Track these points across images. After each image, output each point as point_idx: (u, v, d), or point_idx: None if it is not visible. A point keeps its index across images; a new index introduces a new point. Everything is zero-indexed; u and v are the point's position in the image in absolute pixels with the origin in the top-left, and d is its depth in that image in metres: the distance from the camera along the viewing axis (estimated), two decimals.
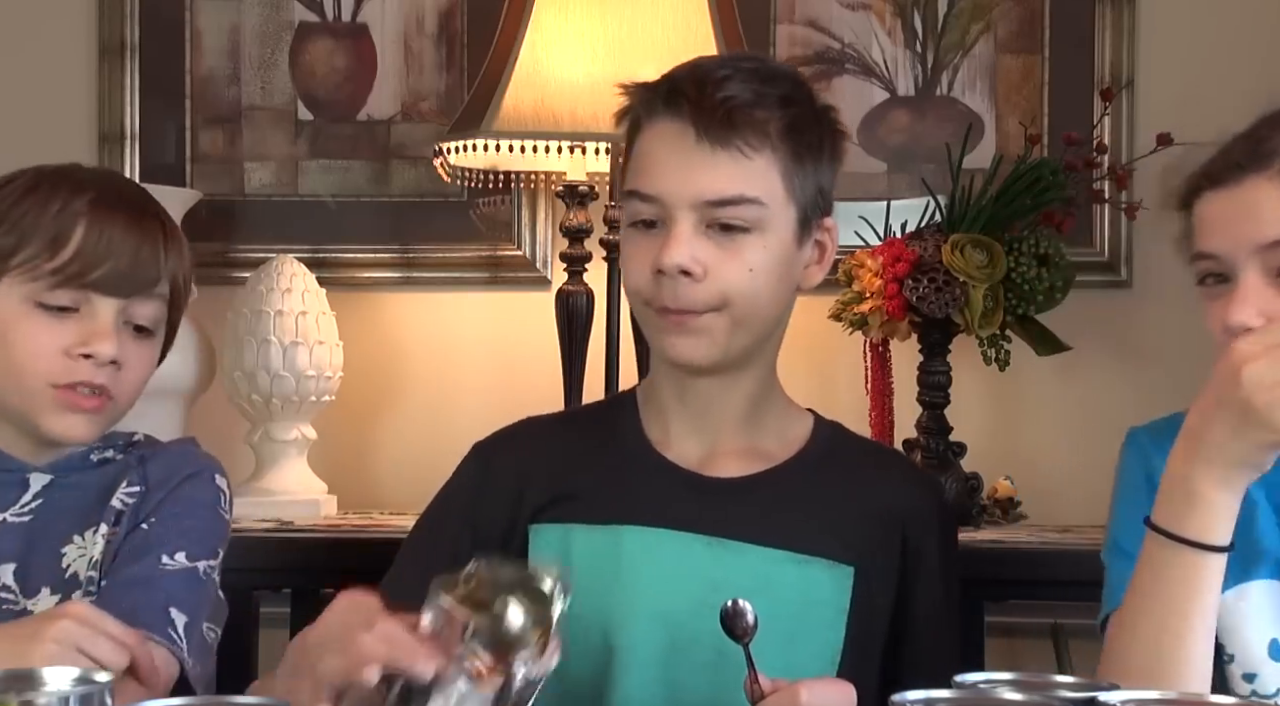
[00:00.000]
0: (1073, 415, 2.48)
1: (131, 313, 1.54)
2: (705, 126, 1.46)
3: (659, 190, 1.48)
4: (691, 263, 1.46)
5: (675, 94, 1.49)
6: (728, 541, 1.51)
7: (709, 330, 1.49)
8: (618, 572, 1.50)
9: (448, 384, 2.58)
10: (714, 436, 1.56)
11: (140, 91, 2.62)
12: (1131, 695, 0.99)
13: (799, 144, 1.50)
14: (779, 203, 1.49)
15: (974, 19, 2.52)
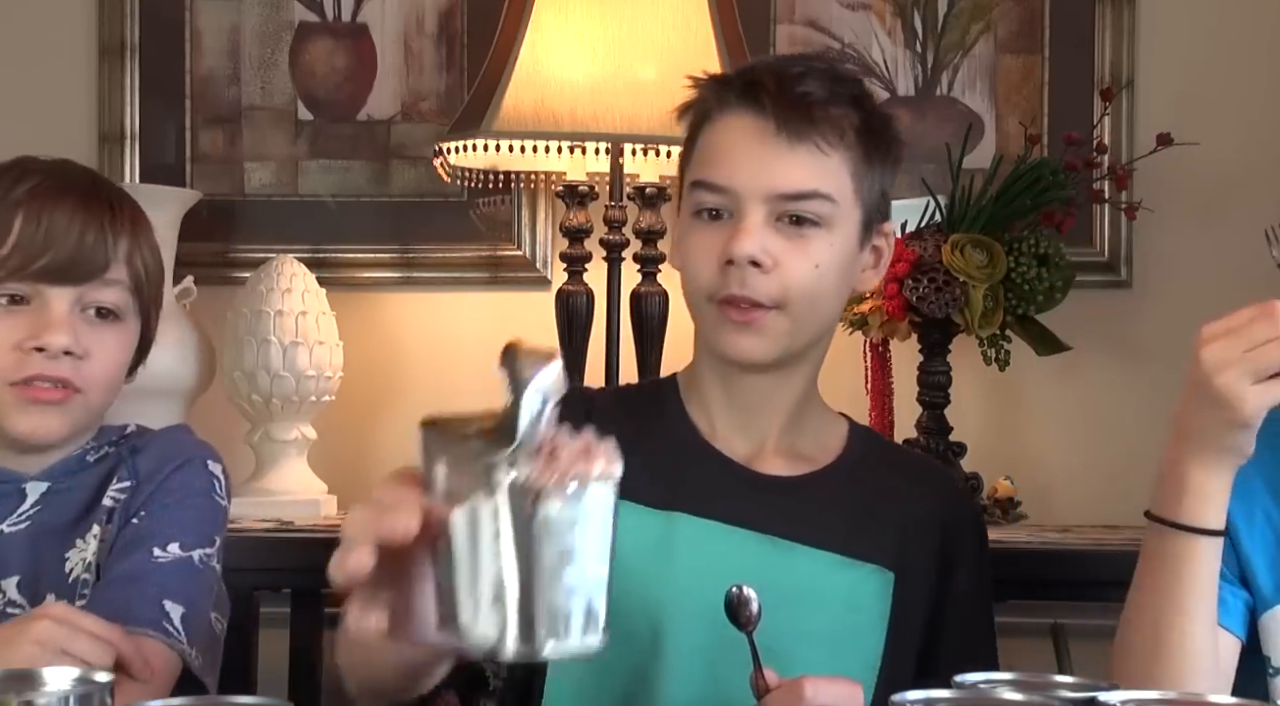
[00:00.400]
0: (1073, 415, 2.48)
1: (89, 299, 1.50)
2: (785, 120, 1.46)
3: (732, 181, 1.48)
4: (762, 253, 1.46)
5: (754, 87, 1.49)
6: (779, 540, 1.50)
7: (768, 329, 1.49)
8: (669, 562, 1.49)
9: (448, 384, 2.58)
10: (760, 435, 1.56)
11: (140, 91, 2.62)
12: (1131, 695, 0.99)
13: (870, 145, 1.51)
14: (848, 201, 1.49)
15: (974, 19, 2.52)
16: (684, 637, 1.46)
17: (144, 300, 1.56)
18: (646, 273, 2.31)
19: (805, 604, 1.48)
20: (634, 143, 2.20)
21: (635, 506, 1.50)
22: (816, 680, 1.23)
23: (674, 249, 1.59)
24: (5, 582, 1.49)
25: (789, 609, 1.44)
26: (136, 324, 1.56)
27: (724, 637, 1.43)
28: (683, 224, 1.54)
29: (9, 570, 1.49)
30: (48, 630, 1.25)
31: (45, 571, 1.49)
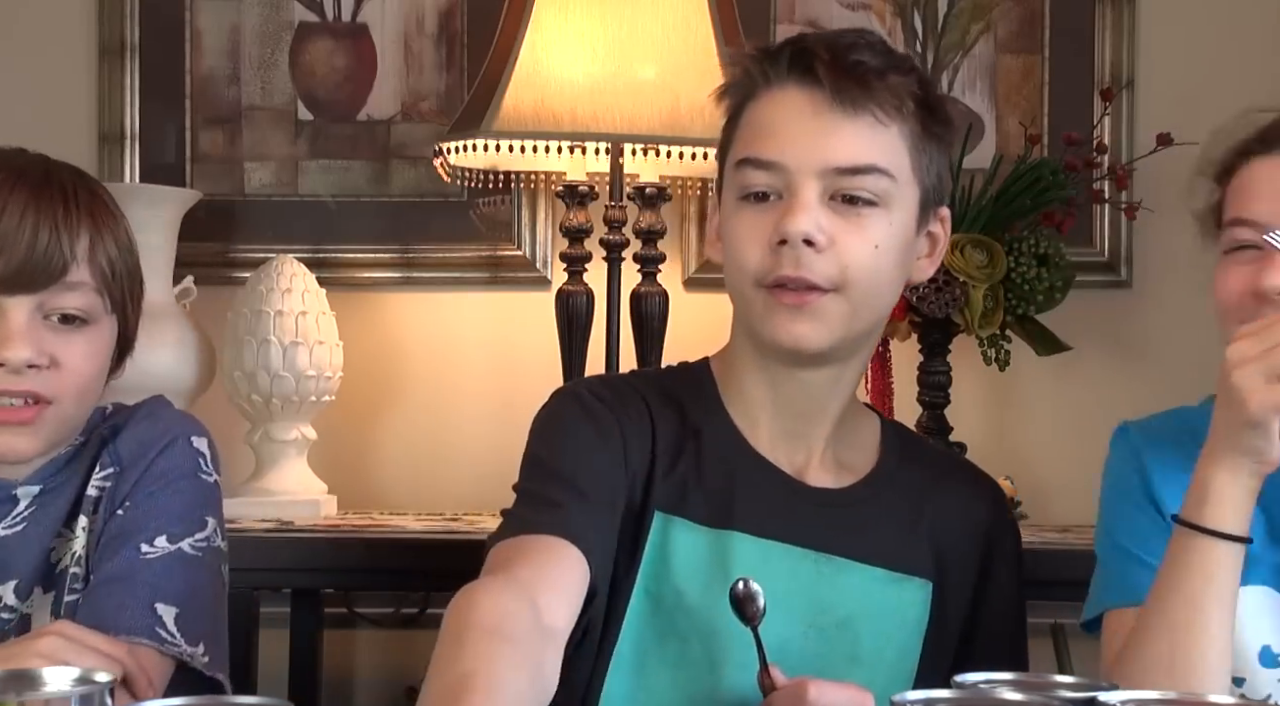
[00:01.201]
0: (1073, 415, 2.48)
1: (51, 306, 1.42)
2: (840, 89, 1.38)
3: (783, 156, 1.39)
4: (816, 231, 1.36)
5: (806, 56, 1.40)
6: (833, 558, 1.44)
7: (824, 313, 1.39)
8: (726, 585, 1.36)
9: (448, 384, 2.58)
10: (808, 444, 1.48)
11: (140, 91, 2.62)
12: (1131, 695, 0.99)
13: (930, 119, 1.43)
14: (906, 178, 1.41)
15: (974, 19, 2.52)
16: (742, 665, 1.38)
17: (116, 297, 1.47)
18: (646, 273, 2.31)
19: (858, 623, 1.44)
20: (634, 143, 2.20)
21: (690, 525, 1.44)
22: (821, 683, 1.21)
23: (711, 240, 1.50)
24: (3, 588, 1.46)
25: (843, 629, 1.42)
26: (111, 323, 1.49)
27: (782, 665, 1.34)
28: (726, 208, 1.45)
29: (7, 574, 1.46)
30: (53, 645, 1.23)
31: (34, 566, 1.47)
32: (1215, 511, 1.32)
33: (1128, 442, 1.52)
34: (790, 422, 1.48)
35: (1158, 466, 1.47)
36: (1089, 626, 1.50)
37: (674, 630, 1.43)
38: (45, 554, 1.47)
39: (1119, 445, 1.53)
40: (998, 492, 1.58)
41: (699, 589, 1.42)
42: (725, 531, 1.43)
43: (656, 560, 1.43)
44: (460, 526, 2.21)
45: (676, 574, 1.42)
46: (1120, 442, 1.53)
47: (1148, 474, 1.46)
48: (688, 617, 1.42)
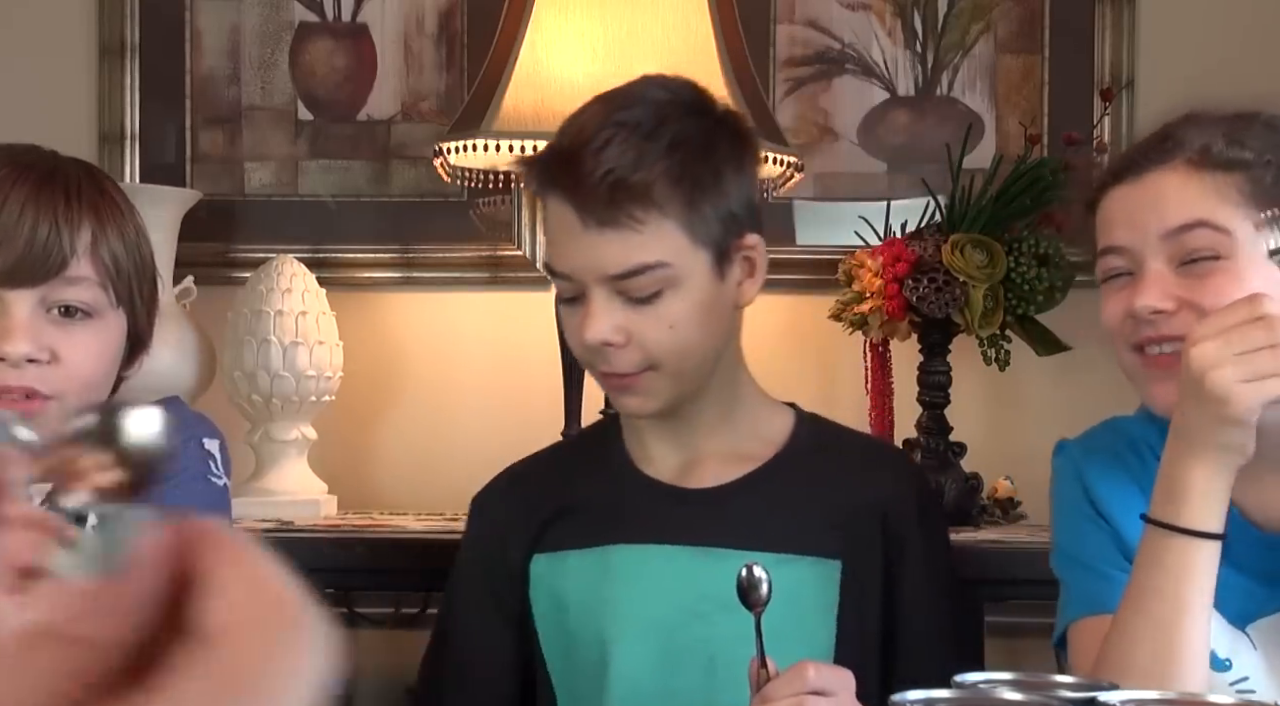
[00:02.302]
0: (1073, 415, 2.46)
1: (53, 299, 1.41)
2: (586, 208, 1.45)
3: (568, 269, 1.50)
4: (613, 334, 1.47)
5: (557, 175, 1.48)
6: (712, 549, 1.52)
7: (649, 389, 1.51)
8: (610, 590, 1.53)
9: (448, 384, 2.58)
10: (692, 446, 1.58)
11: (140, 91, 2.62)
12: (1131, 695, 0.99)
13: (691, 189, 1.47)
14: (685, 254, 1.47)
15: (974, 19, 2.52)
16: (631, 659, 1.50)
17: (122, 292, 1.46)
18: None
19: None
20: None
21: (574, 552, 1.57)
22: (818, 663, 1.24)
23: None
24: None
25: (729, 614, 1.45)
26: (118, 318, 1.47)
27: (667, 650, 1.50)
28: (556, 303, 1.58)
29: None
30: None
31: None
32: (1193, 510, 1.33)
33: (1068, 459, 1.54)
34: (668, 435, 1.59)
35: (1099, 479, 1.49)
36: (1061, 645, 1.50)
37: (572, 643, 1.56)
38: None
39: (1060, 463, 1.55)
40: (911, 469, 1.66)
41: (585, 598, 1.54)
42: (607, 546, 1.55)
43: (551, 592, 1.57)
44: (460, 526, 2.21)
45: (569, 593, 1.56)
46: (1061, 460, 1.55)
47: (1091, 487, 1.49)
48: (578, 633, 1.54)
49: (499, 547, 1.62)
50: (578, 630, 1.55)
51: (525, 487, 1.65)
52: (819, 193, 2.52)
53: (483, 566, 1.64)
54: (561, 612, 1.56)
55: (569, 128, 1.53)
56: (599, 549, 1.55)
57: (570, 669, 1.56)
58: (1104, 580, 1.43)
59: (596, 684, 1.51)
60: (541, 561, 1.59)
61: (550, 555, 1.58)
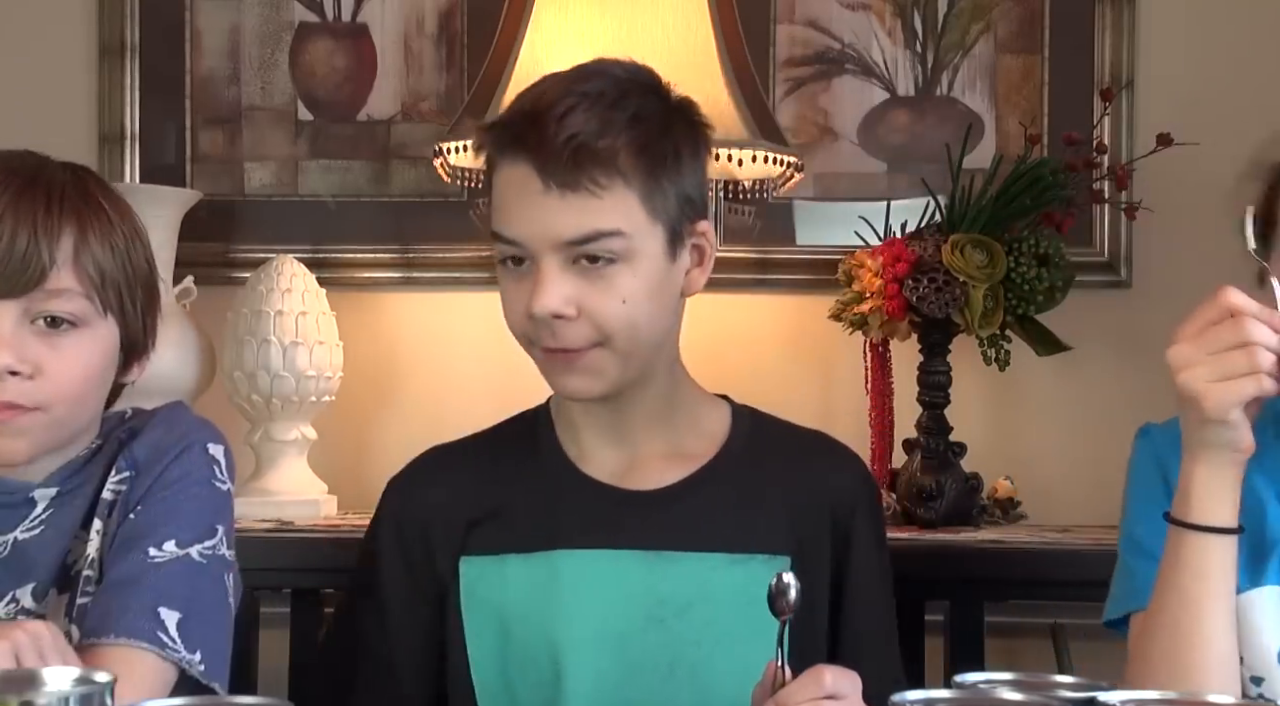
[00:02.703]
0: (1073, 415, 2.48)
1: (37, 310, 1.40)
2: (548, 171, 1.43)
3: (520, 234, 1.46)
4: (563, 305, 1.44)
5: (518, 137, 1.46)
6: (662, 552, 1.50)
7: (595, 366, 1.47)
8: (558, 600, 1.50)
9: (447, 384, 2.58)
10: (630, 444, 1.56)
11: (140, 91, 2.62)
12: (1131, 695, 0.99)
13: (652, 163, 1.46)
14: (642, 228, 1.46)
15: (974, 19, 2.52)
16: (584, 667, 1.47)
17: (109, 301, 1.45)
18: None
19: (700, 609, 1.48)
20: None
21: (515, 556, 1.53)
22: (833, 668, 1.24)
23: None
24: (20, 591, 1.46)
25: (685, 617, 1.46)
26: (108, 327, 1.46)
27: (624, 660, 1.47)
28: (497, 270, 1.52)
29: (26, 577, 1.46)
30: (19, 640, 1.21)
31: (51, 568, 1.46)
32: (1201, 506, 1.35)
33: (1150, 444, 1.53)
34: (606, 432, 1.55)
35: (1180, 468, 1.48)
36: (1113, 625, 1.51)
37: (523, 654, 1.51)
38: (62, 556, 1.47)
39: (1142, 446, 1.55)
40: (852, 459, 1.63)
41: (534, 609, 1.50)
42: (550, 552, 1.51)
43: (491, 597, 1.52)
44: None
45: (513, 602, 1.51)
46: (1143, 444, 1.55)
47: (1170, 476, 1.47)
48: (529, 642, 1.50)
49: (425, 542, 1.57)
50: (525, 640, 1.50)
51: (451, 480, 1.59)
52: (819, 193, 2.52)
53: (403, 558, 1.57)
54: (503, 622, 1.52)
55: (527, 95, 1.52)
56: (542, 554, 1.51)
57: (511, 680, 1.51)
58: None
59: (548, 695, 1.48)
60: (475, 565, 1.54)
61: (484, 558, 1.54)
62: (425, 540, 1.57)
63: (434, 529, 1.56)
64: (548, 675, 1.48)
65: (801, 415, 1.71)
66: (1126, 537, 1.52)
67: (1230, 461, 1.34)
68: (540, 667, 1.49)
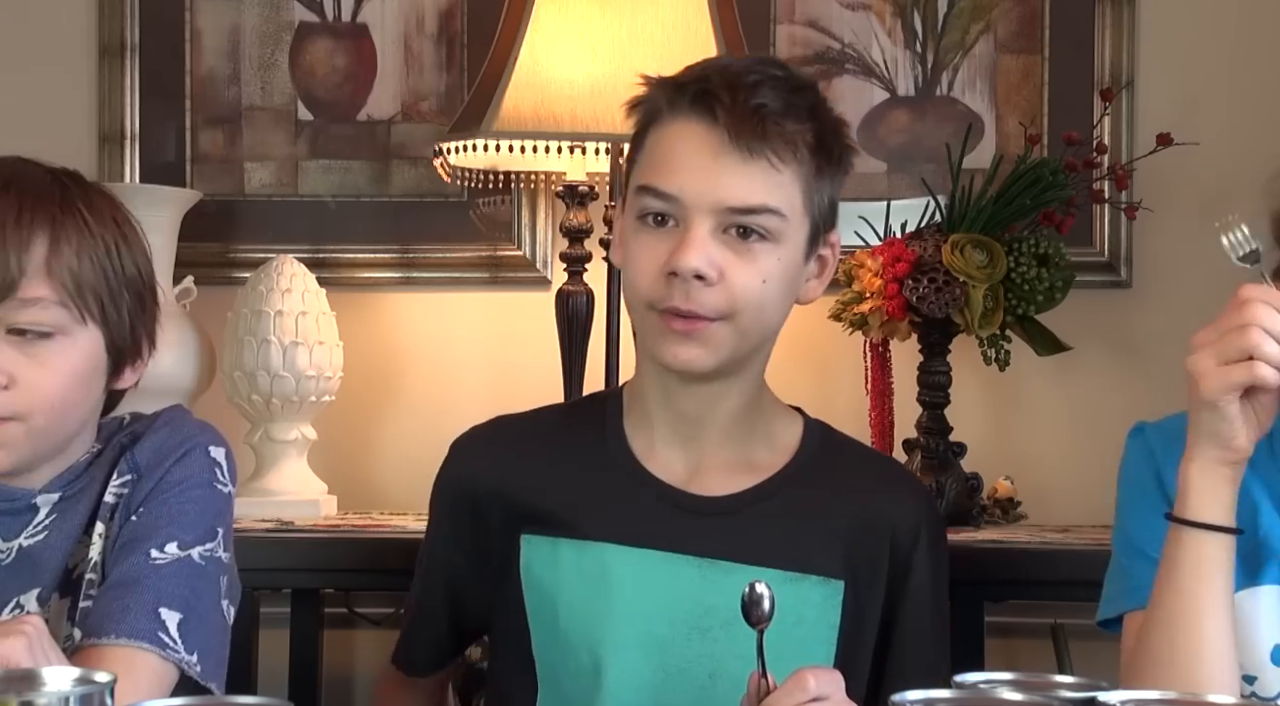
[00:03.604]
0: (1073, 415, 2.48)
1: (9, 321, 1.39)
2: (738, 133, 1.44)
3: (681, 191, 1.45)
4: (708, 266, 1.43)
5: (707, 95, 1.45)
6: (717, 562, 1.49)
7: (713, 339, 1.46)
8: (607, 595, 1.49)
9: (448, 384, 2.58)
10: (700, 448, 1.54)
11: (140, 91, 2.62)
12: (1131, 695, 0.99)
13: (822, 158, 1.49)
14: (797, 215, 1.47)
15: (974, 19, 2.52)
16: (624, 669, 1.46)
17: (89, 308, 1.43)
18: None
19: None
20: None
21: (569, 542, 1.52)
22: (816, 669, 1.23)
23: (616, 247, 1.56)
24: (25, 596, 1.46)
25: (730, 629, 1.43)
26: (89, 334, 1.45)
27: (665, 666, 1.46)
28: (626, 226, 1.51)
29: (31, 583, 1.46)
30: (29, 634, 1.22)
31: (53, 573, 1.46)
32: (1195, 503, 1.35)
33: (1144, 443, 1.53)
34: (682, 428, 1.54)
35: (1175, 467, 1.47)
36: (1106, 625, 1.51)
37: (563, 642, 1.51)
38: (65, 561, 1.47)
39: (1135, 445, 1.54)
40: (918, 490, 1.63)
41: (583, 599, 1.49)
42: (602, 544, 1.50)
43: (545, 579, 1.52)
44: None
45: (565, 587, 1.51)
46: (1136, 442, 1.54)
47: (1164, 474, 1.47)
48: (571, 633, 1.50)
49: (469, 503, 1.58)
50: (570, 631, 1.50)
51: (510, 451, 1.59)
52: None
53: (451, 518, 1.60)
54: (552, 607, 1.51)
55: (709, 64, 1.53)
56: (595, 545, 1.50)
57: (557, 665, 1.52)
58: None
59: (587, 688, 1.48)
60: (534, 543, 1.53)
61: (541, 539, 1.52)
62: (474, 503, 1.57)
63: (486, 496, 1.57)
64: (587, 667, 1.48)
65: None
66: (1120, 536, 1.52)
67: (1222, 460, 1.34)
68: (580, 659, 1.48)
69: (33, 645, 1.20)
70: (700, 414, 1.53)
